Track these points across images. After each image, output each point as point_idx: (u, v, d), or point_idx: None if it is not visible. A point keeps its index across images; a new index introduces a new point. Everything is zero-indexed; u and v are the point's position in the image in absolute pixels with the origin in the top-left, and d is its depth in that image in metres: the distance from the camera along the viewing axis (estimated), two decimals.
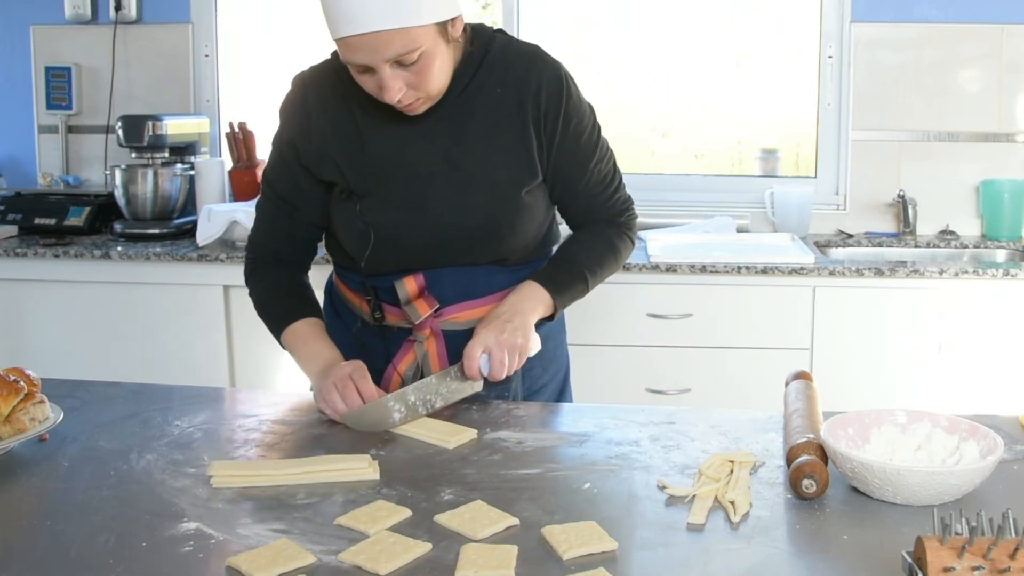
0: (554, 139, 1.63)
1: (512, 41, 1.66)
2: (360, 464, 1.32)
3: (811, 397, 1.48)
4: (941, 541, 0.93)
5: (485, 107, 1.60)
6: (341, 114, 1.62)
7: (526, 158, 1.62)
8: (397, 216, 1.61)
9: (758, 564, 1.08)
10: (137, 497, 1.25)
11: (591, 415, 1.58)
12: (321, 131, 1.62)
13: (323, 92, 1.63)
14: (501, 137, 1.61)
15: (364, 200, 1.61)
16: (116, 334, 3.13)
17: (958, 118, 3.38)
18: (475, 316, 1.66)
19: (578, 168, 1.67)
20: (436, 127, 1.60)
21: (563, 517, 1.18)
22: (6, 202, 3.44)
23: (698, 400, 2.93)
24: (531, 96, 1.60)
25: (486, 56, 1.61)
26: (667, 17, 3.60)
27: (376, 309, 1.69)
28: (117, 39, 3.62)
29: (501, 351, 1.54)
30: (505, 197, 1.62)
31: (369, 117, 1.61)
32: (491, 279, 1.68)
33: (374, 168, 1.61)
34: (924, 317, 2.88)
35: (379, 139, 1.61)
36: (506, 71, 1.61)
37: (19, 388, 1.39)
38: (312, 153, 1.63)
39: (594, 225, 1.74)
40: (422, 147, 1.60)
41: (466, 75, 1.60)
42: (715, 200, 3.53)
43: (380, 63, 1.45)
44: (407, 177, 1.61)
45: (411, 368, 1.68)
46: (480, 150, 1.60)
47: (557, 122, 1.62)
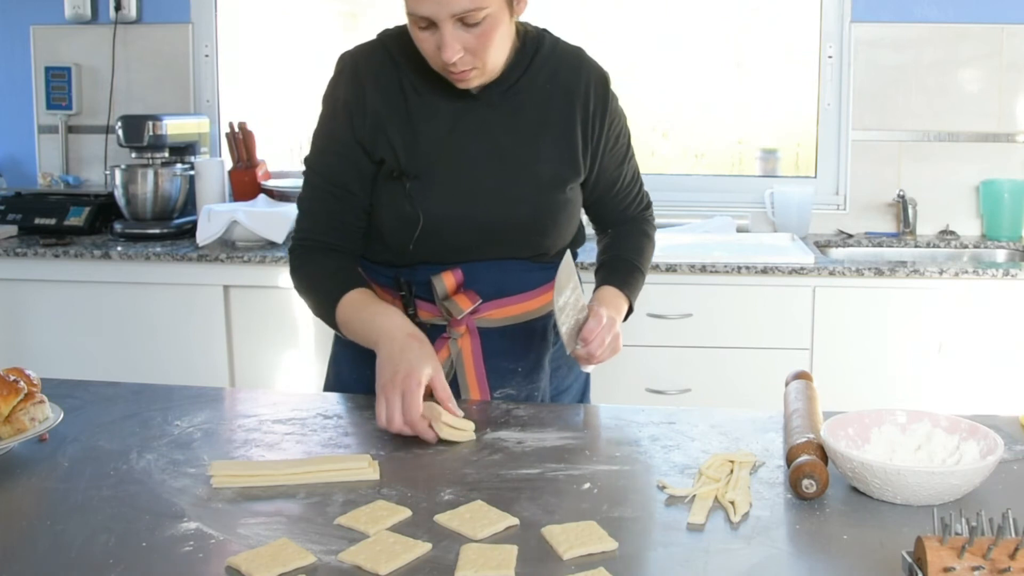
0: (600, 140, 1.67)
1: (559, 41, 1.69)
2: (360, 464, 1.32)
3: (811, 397, 1.48)
4: (941, 541, 0.93)
5: (534, 102, 1.63)
6: (393, 92, 1.61)
7: (571, 155, 1.65)
8: (446, 201, 1.61)
9: (758, 564, 1.08)
10: (137, 497, 1.25)
11: (591, 415, 1.58)
12: (374, 106, 1.60)
13: (374, 67, 1.62)
14: (548, 133, 1.63)
15: (414, 181, 1.60)
16: (116, 334, 3.13)
17: (958, 118, 3.38)
18: (509, 314, 1.68)
19: (616, 168, 1.74)
20: (486, 116, 1.61)
21: (563, 517, 1.18)
22: (6, 202, 3.44)
23: (698, 400, 2.93)
24: (580, 96, 1.64)
25: (537, 52, 1.63)
26: (667, 17, 3.60)
27: (410, 305, 1.67)
28: (117, 39, 3.62)
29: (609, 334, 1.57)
30: (550, 192, 1.64)
31: (421, 98, 1.60)
32: (525, 276, 1.69)
33: (425, 150, 1.60)
34: (924, 317, 2.88)
35: (431, 121, 1.60)
36: (556, 69, 1.64)
37: (19, 388, 1.39)
38: (367, 128, 1.61)
39: (623, 222, 1.81)
40: (472, 134, 1.61)
41: (518, 68, 1.62)
42: (715, 200, 3.53)
43: (445, 17, 1.44)
44: (457, 163, 1.61)
45: (444, 366, 1.66)
46: (527, 143, 1.62)
47: (604, 123, 1.67)
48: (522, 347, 1.71)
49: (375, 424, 1.52)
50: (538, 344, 1.73)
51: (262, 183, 3.53)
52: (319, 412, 1.58)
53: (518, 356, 1.70)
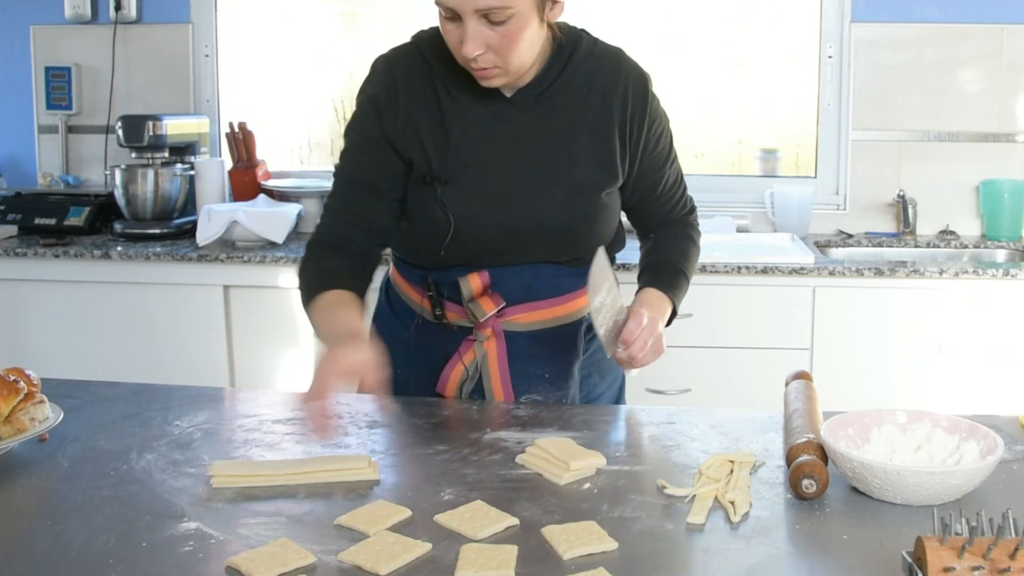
0: (639, 142, 1.64)
1: (598, 42, 1.66)
2: (360, 464, 1.32)
3: (811, 397, 1.48)
4: (941, 541, 0.93)
5: (570, 104, 1.60)
6: (427, 95, 1.59)
7: (607, 159, 1.62)
8: (477, 206, 1.59)
9: (758, 564, 1.08)
10: (137, 497, 1.25)
11: (591, 415, 1.58)
12: (407, 109, 1.59)
13: (408, 72, 1.61)
14: (585, 136, 1.61)
15: (445, 186, 1.59)
16: (116, 334, 3.13)
17: (958, 118, 3.38)
18: (537, 318, 1.66)
19: (657, 171, 1.71)
20: (521, 119, 1.59)
21: (563, 517, 1.18)
22: (6, 202, 3.44)
23: (698, 400, 2.92)
24: (618, 98, 1.62)
25: (573, 54, 1.61)
26: (667, 17, 3.60)
27: (437, 306, 1.66)
28: (117, 39, 3.62)
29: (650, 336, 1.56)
30: (585, 196, 1.62)
31: (454, 101, 1.59)
32: (555, 281, 1.67)
33: (457, 154, 1.59)
34: (924, 317, 2.88)
35: (463, 124, 1.59)
36: (593, 71, 1.62)
37: (19, 388, 1.39)
38: (399, 130, 1.59)
39: (666, 226, 1.78)
40: (505, 137, 1.59)
41: (554, 70, 1.60)
42: (715, 200, 3.53)
43: (469, 11, 1.43)
44: (489, 166, 1.59)
45: (471, 368, 1.66)
46: (563, 147, 1.60)
47: (643, 125, 1.64)
48: (550, 353, 1.69)
49: (375, 424, 1.52)
50: (567, 350, 1.70)
51: (262, 183, 3.52)
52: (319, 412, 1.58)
53: (545, 362, 1.68)
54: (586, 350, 1.74)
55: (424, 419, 1.56)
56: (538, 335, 1.67)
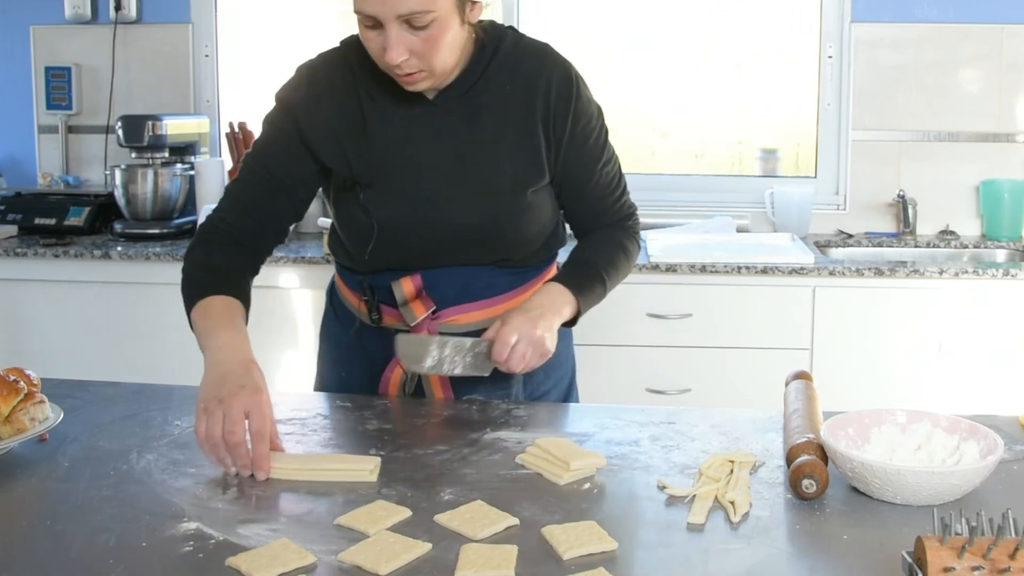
0: (563, 139, 1.61)
1: (523, 38, 1.64)
2: (365, 466, 1.31)
3: (811, 397, 1.48)
4: (941, 541, 0.93)
5: (494, 104, 1.59)
6: (349, 102, 1.60)
7: (533, 157, 1.61)
8: (400, 209, 1.59)
9: (758, 564, 1.08)
10: (137, 497, 1.25)
11: (591, 415, 1.58)
12: (328, 116, 1.60)
13: (332, 76, 1.61)
14: (509, 135, 1.59)
15: (367, 191, 1.59)
16: (116, 334, 3.13)
17: (958, 118, 3.38)
18: (474, 319, 1.66)
19: (586, 170, 1.66)
20: (444, 121, 1.59)
21: (563, 517, 1.18)
22: (6, 202, 3.44)
23: (698, 400, 2.93)
24: (540, 94, 1.59)
25: (497, 52, 1.59)
26: (667, 17, 3.60)
27: (373, 310, 1.67)
28: (117, 39, 3.62)
29: (527, 346, 1.51)
30: (510, 196, 1.60)
31: (377, 106, 1.59)
32: (491, 281, 1.66)
33: (379, 159, 1.59)
34: (924, 317, 2.88)
35: (385, 129, 1.59)
36: (516, 68, 1.60)
37: (19, 388, 1.39)
38: (318, 136, 1.60)
39: (602, 230, 1.72)
40: (428, 140, 1.59)
41: (477, 70, 1.58)
42: (715, 200, 3.53)
43: (390, 18, 1.42)
44: (412, 170, 1.59)
45: (407, 371, 1.66)
46: (487, 147, 1.59)
47: (566, 122, 1.60)
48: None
49: (375, 424, 1.52)
50: None
51: None
52: (319, 412, 1.58)
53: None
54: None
55: (424, 419, 1.56)
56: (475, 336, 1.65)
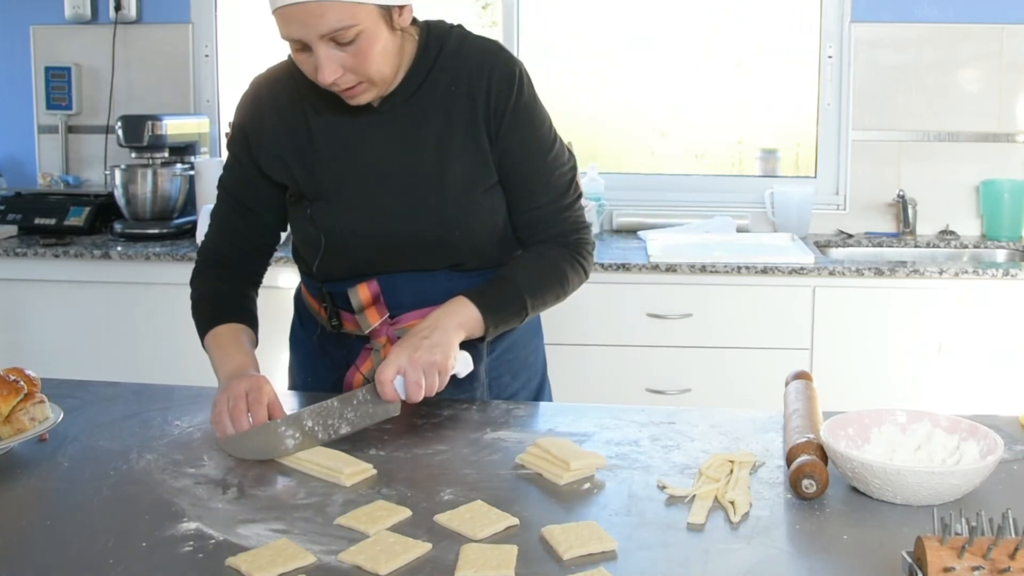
0: (500, 134, 1.57)
1: (468, 36, 1.61)
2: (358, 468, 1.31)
3: (811, 397, 1.48)
4: (941, 541, 0.93)
5: (439, 105, 1.56)
6: (294, 115, 1.60)
7: (480, 157, 1.58)
8: (347, 220, 1.58)
9: (758, 564, 1.08)
10: (137, 497, 1.25)
11: (591, 415, 1.58)
12: (273, 131, 1.60)
13: (276, 92, 1.62)
14: (455, 136, 1.56)
15: (314, 204, 1.59)
16: (116, 334, 3.13)
17: (958, 118, 3.38)
18: None
19: (527, 174, 1.60)
20: (389, 128, 1.57)
21: (563, 517, 1.18)
22: (6, 202, 3.44)
23: (698, 400, 2.93)
24: (482, 92, 1.56)
25: (440, 53, 1.57)
26: (667, 17, 3.60)
27: (333, 316, 1.66)
28: (117, 39, 3.62)
29: (416, 371, 1.41)
30: (459, 198, 1.57)
31: (322, 118, 1.58)
32: (449, 285, 1.61)
33: (326, 171, 1.58)
34: (924, 317, 2.88)
35: (331, 141, 1.58)
36: (460, 68, 1.57)
37: (19, 388, 1.39)
38: (264, 153, 1.61)
39: (541, 244, 1.63)
40: (375, 148, 1.57)
41: (420, 73, 1.56)
42: (715, 200, 3.53)
43: (314, 39, 1.42)
44: (358, 179, 1.58)
45: (369, 375, 1.63)
46: (434, 150, 1.56)
47: (504, 116, 1.56)
48: None
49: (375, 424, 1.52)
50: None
51: None
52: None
53: None
54: (491, 352, 1.68)
55: (424, 419, 1.56)
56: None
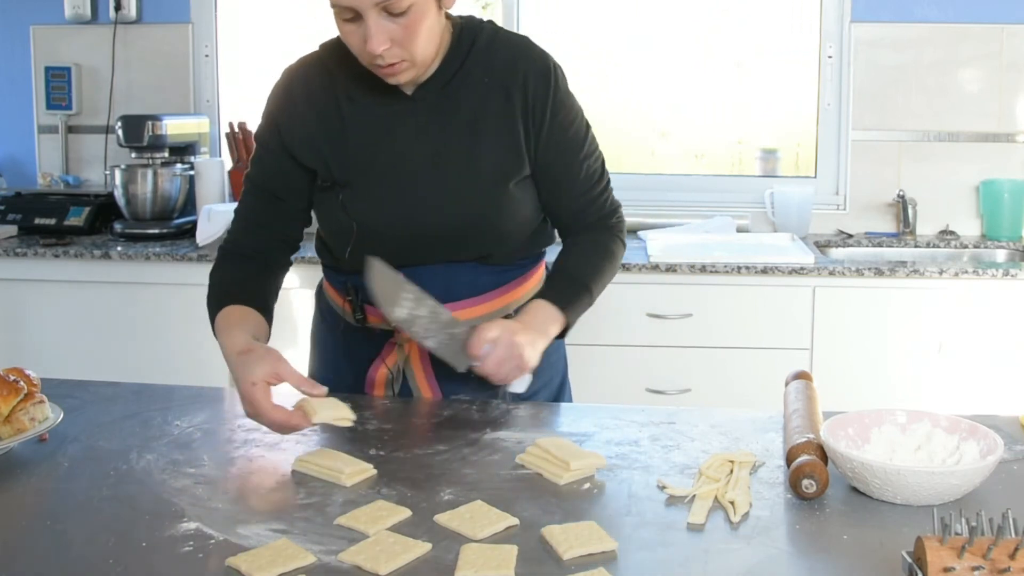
0: (542, 131, 1.60)
1: (500, 31, 1.64)
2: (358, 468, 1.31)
3: (811, 397, 1.48)
4: (941, 541, 0.93)
5: (472, 97, 1.58)
6: (326, 103, 1.60)
7: (513, 150, 1.60)
8: (380, 207, 1.59)
9: (758, 564, 1.08)
10: (137, 497, 1.25)
11: (591, 415, 1.58)
12: (305, 119, 1.60)
13: (309, 80, 1.62)
14: (488, 128, 1.59)
15: (346, 190, 1.59)
16: (116, 334, 3.13)
17: (958, 118, 3.38)
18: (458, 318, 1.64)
19: (566, 164, 1.64)
20: (421, 118, 1.58)
21: (563, 517, 1.18)
22: (6, 202, 3.44)
23: (698, 400, 2.92)
24: (518, 86, 1.58)
25: (473, 46, 1.59)
26: (667, 17, 3.60)
27: (358, 310, 1.66)
28: (117, 39, 3.62)
29: (508, 352, 1.48)
30: (491, 189, 1.59)
31: (355, 105, 1.59)
32: (474, 280, 1.64)
33: (358, 157, 1.59)
34: (924, 317, 2.88)
35: (363, 127, 1.59)
36: (493, 61, 1.59)
37: (19, 388, 1.39)
38: (296, 140, 1.61)
39: (584, 230, 1.69)
40: (408, 136, 1.58)
41: (453, 64, 1.58)
42: (715, 200, 3.53)
43: (368, 6, 1.42)
44: (391, 168, 1.59)
45: (393, 370, 1.66)
46: (466, 141, 1.58)
47: (545, 113, 1.59)
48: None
49: (375, 424, 1.52)
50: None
51: None
52: None
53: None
54: None
55: (424, 419, 1.56)
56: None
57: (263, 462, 1.37)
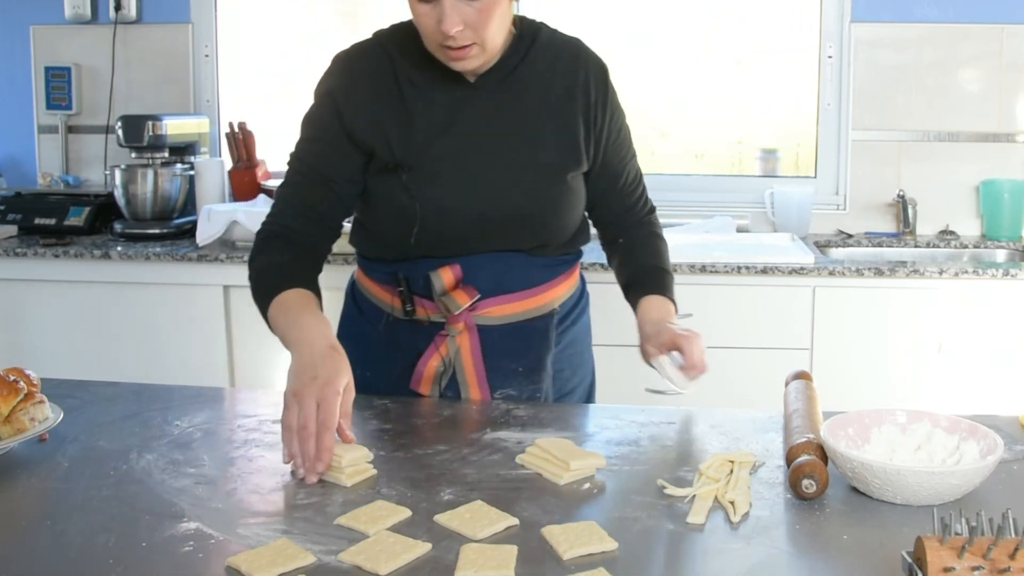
0: (602, 131, 1.67)
1: (557, 32, 1.71)
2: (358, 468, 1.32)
3: (811, 397, 1.48)
4: (941, 541, 0.93)
5: (533, 90, 1.63)
6: (388, 86, 1.61)
7: (572, 144, 1.64)
8: (442, 191, 1.60)
9: (758, 564, 1.08)
10: (137, 497, 1.25)
11: (591, 415, 1.58)
12: (368, 100, 1.60)
13: (370, 62, 1.62)
14: (548, 121, 1.63)
15: (410, 173, 1.59)
16: (116, 334, 3.13)
17: (958, 118, 3.38)
18: (509, 312, 1.66)
19: (619, 163, 1.74)
20: (484, 104, 1.61)
21: (563, 517, 1.18)
22: (6, 202, 3.44)
23: (698, 400, 2.92)
24: (580, 85, 1.65)
25: (534, 43, 1.64)
26: (667, 16, 3.60)
27: (408, 301, 1.65)
28: (117, 39, 3.62)
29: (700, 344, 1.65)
30: (550, 180, 1.63)
31: (416, 90, 1.60)
32: (527, 273, 1.67)
33: (421, 140, 1.59)
34: (924, 317, 2.88)
35: (426, 111, 1.60)
36: (555, 58, 1.65)
37: (19, 388, 1.39)
38: (358, 120, 1.60)
39: (632, 226, 1.81)
40: (470, 123, 1.60)
41: (514, 58, 1.62)
42: (715, 200, 3.53)
43: None
44: (454, 152, 1.60)
45: (443, 364, 1.65)
46: (527, 131, 1.62)
47: (605, 113, 1.67)
48: (523, 346, 1.69)
49: (374, 424, 1.52)
50: (539, 344, 1.71)
51: (262, 183, 3.52)
52: None
53: (519, 356, 1.68)
54: (557, 343, 1.74)
55: (424, 419, 1.56)
56: (510, 329, 1.67)
57: (263, 462, 1.37)
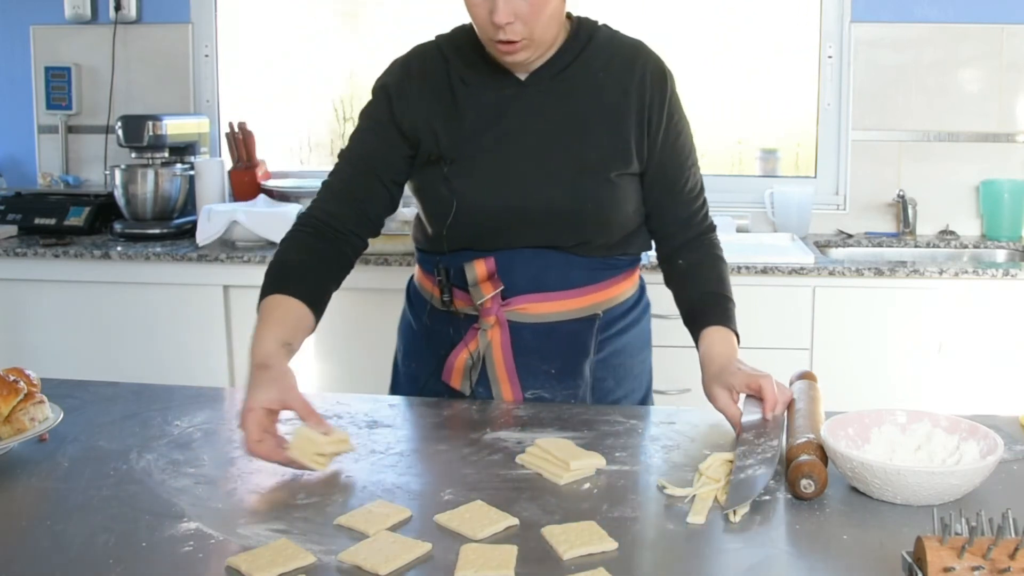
0: (659, 132, 1.65)
1: (617, 32, 1.71)
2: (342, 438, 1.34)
3: (813, 398, 1.48)
4: (941, 541, 0.93)
5: (586, 88, 1.63)
6: (441, 83, 1.64)
7: (622, 145, 1.63)
8: (482, 183, 1.61)
9: (758, 564, 1.08)
10: (137, 497, 1.25)
11: (591, 415, 1.58)
12: (420, 94, 1.64)
13: (425, 62, 1.67)
14: (599, 120, 1.62)
15: (452, 165, 1.61)
16: (116, 334, 3.13)
17: (958, 118, 3.38)
18: (544, 310, 1.65)
19: (678, 168, 1.70)
20: (532, 102, 1.62)
21: (563, 517, 1.18)
22: (6, 202, 3.44)
23: (698, 400, 2.91)
24: (635, 85, 1.64)
25: (591, 42, 1.65)
26: (667, 17, 3.60)
27: (445, 291, 1.67)
28: (117, 39, 3.62)
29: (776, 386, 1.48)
30: (592, 177, 1.62)
31: (468, 88, 1.63)
32: (565, 272, 1.65)
33: (467, 134, 1.62)
34: (924, 317, 2.88)
35: (476, 108, 1.62)
36: (611, 58, 1.65)
37: (19, 388, 1.39)
38: (409, 112, 1.64)
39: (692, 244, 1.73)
40: (516, 119, 1.62)
41: (568, 56, 1.63)
42: (715, 200, 3.49)
43: None
44: (497, 146, 1.61)
45: (474, 356, 1.66)
46: (574, 129, 1.62)
47: (662, 115, 1.65)
48: (556, 348, 1.67)
49: (374, 424, 1.52)
50: (574, 347, 1.68)
51: (262, 183, 3.52)
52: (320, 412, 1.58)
53: (550, 357, 1.67)
54: (599, 351, 1.71)
55: (424, 419, 1.56)
56: (545, 328, 1.66)
57: (263, 462, 1.37)
